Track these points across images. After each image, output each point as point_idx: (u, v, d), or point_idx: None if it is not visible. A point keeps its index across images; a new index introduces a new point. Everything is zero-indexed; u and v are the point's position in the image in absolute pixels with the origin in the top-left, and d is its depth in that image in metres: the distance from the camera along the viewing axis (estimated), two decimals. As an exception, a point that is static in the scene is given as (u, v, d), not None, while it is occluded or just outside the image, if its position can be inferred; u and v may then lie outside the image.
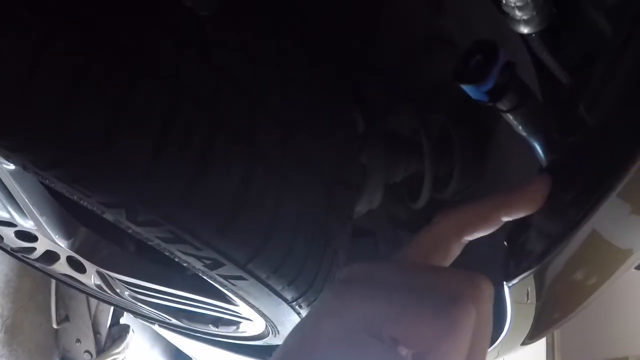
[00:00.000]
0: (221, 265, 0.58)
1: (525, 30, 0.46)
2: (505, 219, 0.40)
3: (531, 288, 0.52)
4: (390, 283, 0.35)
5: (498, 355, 0.81)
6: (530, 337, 0.71)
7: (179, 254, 0.57)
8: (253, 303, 0.67)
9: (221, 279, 0.60)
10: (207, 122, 0.56)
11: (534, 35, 0.47)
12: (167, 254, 0.58)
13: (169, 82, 0.54)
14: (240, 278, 0.60)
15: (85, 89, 0.50)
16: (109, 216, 0.55)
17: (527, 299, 0.55)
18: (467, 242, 0.41)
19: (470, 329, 0.32)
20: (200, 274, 0.61)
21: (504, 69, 0.40)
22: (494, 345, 0.72)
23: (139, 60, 0.53)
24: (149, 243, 0.57)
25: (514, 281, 0.48)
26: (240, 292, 0.64)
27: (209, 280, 0.63)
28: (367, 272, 0.36)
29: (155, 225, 0.55)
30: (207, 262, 0.57)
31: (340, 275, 0.37)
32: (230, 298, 0.73)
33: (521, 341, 0.73)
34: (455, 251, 0.40)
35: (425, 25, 0.94)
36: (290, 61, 0.71)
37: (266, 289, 0.62)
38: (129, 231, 0.56)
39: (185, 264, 0.59)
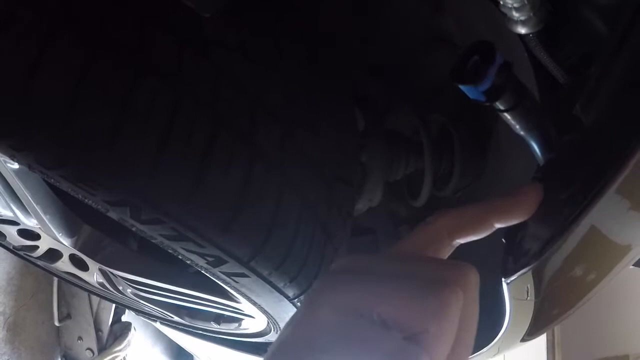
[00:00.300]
0: (224, 262, 0.58)
1: (522, 30, 0.47)
2: (498, 225, 0.40)
3: (530, 285, 0.53)
4: (381, 271, 0.36)
5: (498, 352, 0.82)
6: (530, 334, 0.72)
7: (182, 251, 0.58)
8: (255, 300, 0.68)
9: (224, 276, 0.61)
10: (208, 121, 0.57)
11: (531, 35, 0.47)
12: (170, 251, 0.59)
13: (170, 81, 0.55)
14: (243, 275, 0.60)
15: (87, 88, 0.51)
16: (113, 214, 0.56)
17: (527, 295, 0.56)
18: (458, 245, 0.41)
19: (458, 312, 0.33)
20: (203, 271, 0.62)
21: (501, 70, 0.41)
22: (493, 342, 0.73)
23: (140, 59, 0.54)
24: (153, 241, 0.58)
25: (512, 278, 0.49)
26: (243, 289, 0.64)
27: (211, 278, 0.63)
28: (358, 262, 0.37)
29: (159, 223, 0.56)
30: (210, 259, 0.58)
31: (332, 267, 0.38)
32: (233, 295, 0.74)
33: (521, 337, 0.73)
34: (446, 252, 0.41)
35: (424, 25, 0.95)
36: (290, 60, 0.72)
37: (268, 286, 0.63)
38: (133, 229, 0.57)
39: (188, 262, 0.60)
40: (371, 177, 0.94)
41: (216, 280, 0.63)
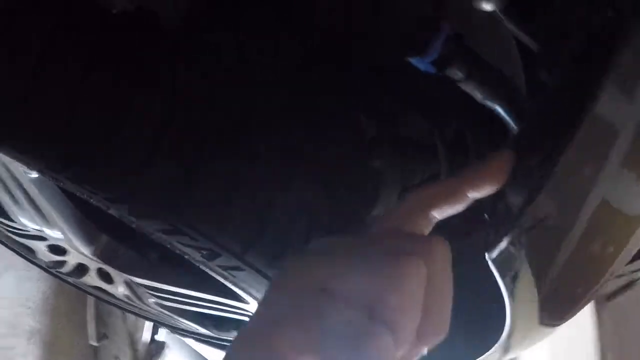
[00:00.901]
0: (217, 255, 0.60)
1: (487, 7, 0.47)
2: (472, 195, 0.40)
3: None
4: (349, 250, 0.36)
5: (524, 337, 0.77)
6: (551, 318, 0.68)
7: (178, 245, 0.60)
8: (256, 296, 0.68)
9: (220, 270, 0.62)
10: (202, 123, 0.59)
11: (498, 11, 0.47)
12: (168, 246, 0.61)
13: (165, 84, 0.58)
14: (238, 268, 0.61)
15: (86, 93, 0.54)
16: (114, 211, 0.59)
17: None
18: (436, 220, 0.41)
19: (420, 283, 0.33)
20: (200, 266, 0.63)
21: (448, 41, 0.41)
22: (504, 333, 0.70)
23: (137, 64, 0.57)
24: (151, 236, 0.60)
25: (496, 251, 0.47)
26: (241, 284, 0.65)
27: (210, 273, 0.64)
28: (330, 244, 0.38)
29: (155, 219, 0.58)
30: (205, 252, 0.60)
31: (305, 249, 0.39)
32: (239, 295, 0.74)
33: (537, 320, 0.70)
34: (424, 229, 0.40)
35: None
36: (290, 63, 0.73)
37: (266, 281, 0.64)
38: (133, 225, 0.59)
39: (186, 256, 0.62)
40: (386, 183, 0.94)
41: (214, 275, 0.65)
